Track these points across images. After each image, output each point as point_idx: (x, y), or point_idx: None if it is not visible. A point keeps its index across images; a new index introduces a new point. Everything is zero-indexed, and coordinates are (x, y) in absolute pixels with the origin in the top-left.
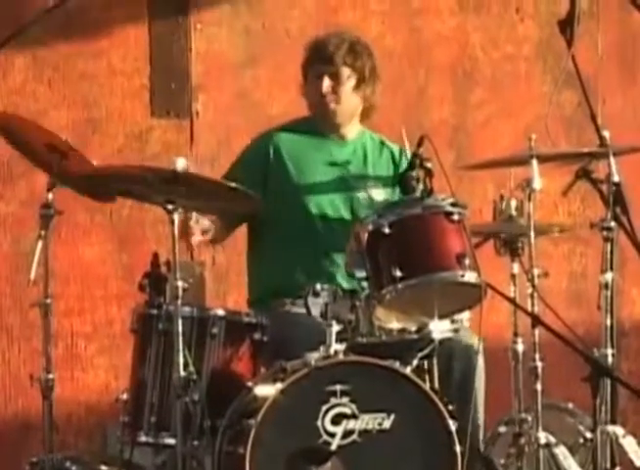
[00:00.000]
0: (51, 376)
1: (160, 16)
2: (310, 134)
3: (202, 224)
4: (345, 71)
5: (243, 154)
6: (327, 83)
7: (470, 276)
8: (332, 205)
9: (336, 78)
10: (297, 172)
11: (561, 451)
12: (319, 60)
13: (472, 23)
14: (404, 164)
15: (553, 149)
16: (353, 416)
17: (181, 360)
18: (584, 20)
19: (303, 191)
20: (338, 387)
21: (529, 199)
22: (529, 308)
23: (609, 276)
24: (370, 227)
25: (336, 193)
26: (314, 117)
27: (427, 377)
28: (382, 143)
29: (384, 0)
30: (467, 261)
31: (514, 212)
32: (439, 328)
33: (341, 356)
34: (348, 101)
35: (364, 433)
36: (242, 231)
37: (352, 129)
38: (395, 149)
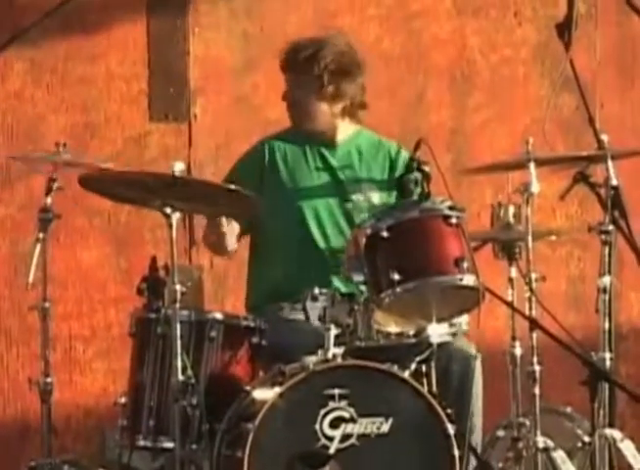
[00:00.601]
0: (49, 380)
1: (158, 20)
2: (301, 141)
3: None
4: (301, 78)
5: (238, 164)
6: (286, 91)
7: (468, 280)
8: (326, 209)
9: (293, 85)
10: (291, 179)
11: (559, 455)
12: (282, 67)
13: (470, 26)
14: (401, 162)
15: (551, 152)
16: (352, 420)
17: (179, 364)
18: (582, 23)
19: (297, 197)
20: (336, 391)
21: (527, 203)
22: (527, 312)
23: (607, 280)
24: (368, 231)
25: (330, 197)
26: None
27: (425, 381)
28: (379, 142)
29: (381, 4)
30: (465, 265)
31: (511, 220)
32: (438, 332)
33: (339, 360)
34: (311, 107)
35: (362, 437)
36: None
37: (343, 131)
38: (393, 147)
